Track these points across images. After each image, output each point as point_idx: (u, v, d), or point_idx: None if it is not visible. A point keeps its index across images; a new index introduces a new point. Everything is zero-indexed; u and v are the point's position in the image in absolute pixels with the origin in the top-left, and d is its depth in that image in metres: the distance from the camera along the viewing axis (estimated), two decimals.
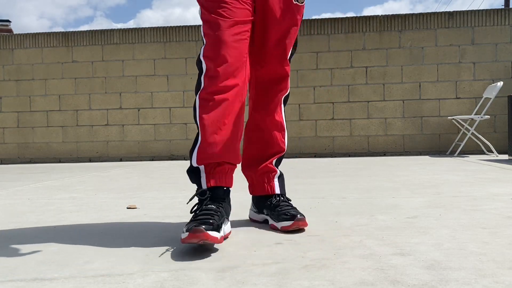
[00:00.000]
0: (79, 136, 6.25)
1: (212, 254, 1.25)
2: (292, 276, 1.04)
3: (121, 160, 6.19)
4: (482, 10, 5.69)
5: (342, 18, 5.86)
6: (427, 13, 5.76)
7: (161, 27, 6.12)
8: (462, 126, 5.52)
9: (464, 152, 5.57)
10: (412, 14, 5.77)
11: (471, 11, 5.68)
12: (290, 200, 1.64)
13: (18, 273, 1.12)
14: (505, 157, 4.90)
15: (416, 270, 1.06)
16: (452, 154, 5.52)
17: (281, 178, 1.68)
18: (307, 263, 1.14)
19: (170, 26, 6.10)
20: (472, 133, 5.29)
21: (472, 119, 5.18)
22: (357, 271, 1.06)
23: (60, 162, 6.26)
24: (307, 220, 1.52)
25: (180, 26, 6.07)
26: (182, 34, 6.06)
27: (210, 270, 1.11)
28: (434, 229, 1.49)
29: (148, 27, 6.16)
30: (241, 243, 1.37)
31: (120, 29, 6.20)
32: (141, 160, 6.11)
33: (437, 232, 1.45)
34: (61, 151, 6.29)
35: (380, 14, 6.02)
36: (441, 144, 5.75)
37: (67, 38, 6.24)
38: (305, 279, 1.02)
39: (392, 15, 5.80)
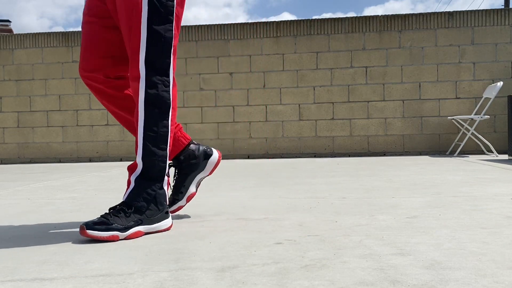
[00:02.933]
0: (79, 136, 6.25)
1: (212, 254, 1.25)
2: (292, 276, 1.04)
3: (121, 160, 6.19)
4: (482, 10, 5.69)
5: (342, 18, 5.86)
6: (427, 13, 5.76)
7: None
8: (462, 126, 5.52)
9: (464, 152, 5.57)
10: (412, 14, 5.77)
11: (471, 11, 5.68)
12: (117, 209, 1.49)
13: (18, 273, 1.12)
14: (505, 157, 4.90)
15: (416, 270, 1.06)
16: (452, 154, 5.52)
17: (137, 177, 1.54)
18: (307, 263, 1.14)
19: None
20: (472, 133, 5.29)
21: (472, 119, 5.18)
22: (357, 271, 1.06)
23: (60, 162, 6.26)
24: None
25: (180, 26, 6.07)
26: (182, 34, 6.06)
27: (210, 270, 1.11)
28: (434, 229, 1.49)
29: None
30: (241, 243, 1.37)
31: None
32: None
33: (437, 232, 1.45)
34: (61, 151, 6.28)
35: (380, 14, 6.02)
36: (441, 144, 5.75)
37: (67, 38, 6.24)
38: (305, 279, 1.02)
39: (392, 15, 5.80)
